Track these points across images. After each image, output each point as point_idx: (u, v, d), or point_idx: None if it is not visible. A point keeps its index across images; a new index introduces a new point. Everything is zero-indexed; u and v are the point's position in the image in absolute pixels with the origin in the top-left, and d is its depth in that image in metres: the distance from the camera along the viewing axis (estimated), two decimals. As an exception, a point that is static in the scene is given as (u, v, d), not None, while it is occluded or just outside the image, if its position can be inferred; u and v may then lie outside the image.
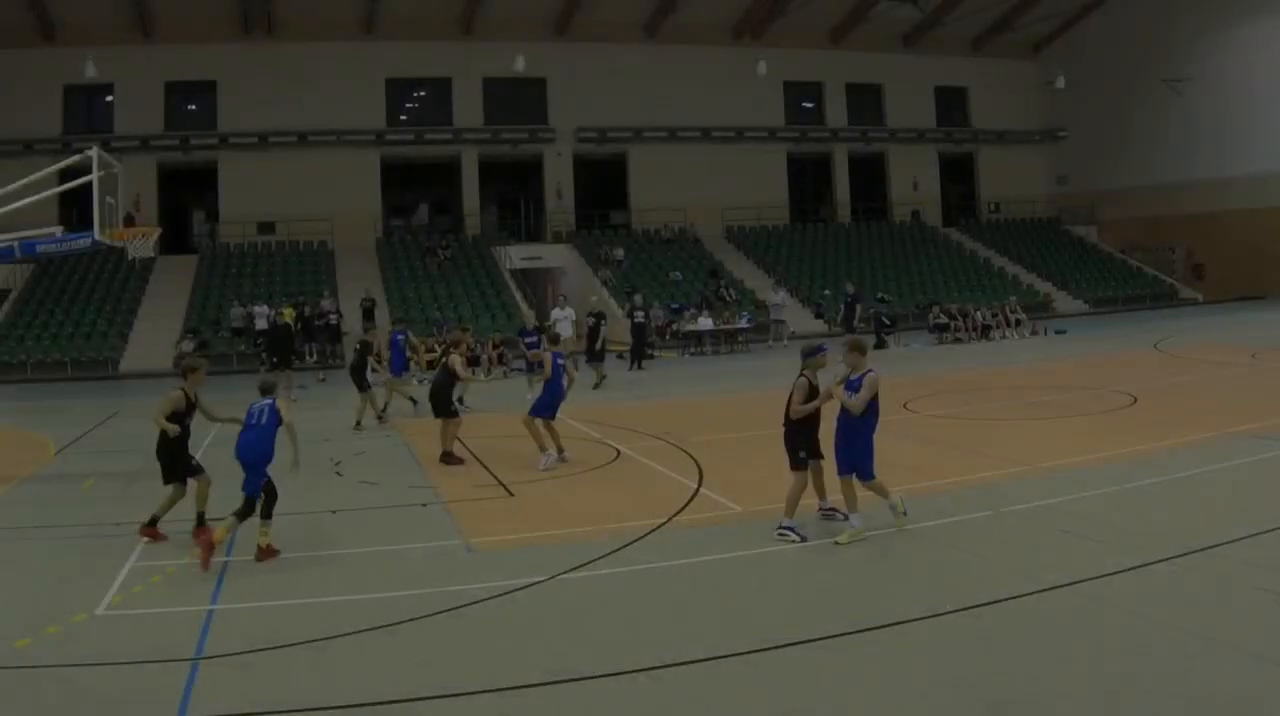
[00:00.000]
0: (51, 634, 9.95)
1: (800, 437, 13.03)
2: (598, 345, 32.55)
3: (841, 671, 8.64)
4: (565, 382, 19.39)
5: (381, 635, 9.87)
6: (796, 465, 13.01)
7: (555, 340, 20.86)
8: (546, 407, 18.87)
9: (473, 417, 22.41)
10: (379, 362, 25.91)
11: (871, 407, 12.74)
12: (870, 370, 12.83)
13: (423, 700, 8.37)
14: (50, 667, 9.18)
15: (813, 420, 13.05)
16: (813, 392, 12.95)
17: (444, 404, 19.65)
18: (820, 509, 13.47)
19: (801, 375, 12.96)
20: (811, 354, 13.22)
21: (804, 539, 12.41)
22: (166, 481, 14.37)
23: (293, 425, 13.77)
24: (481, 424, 22.07)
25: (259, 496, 13.19)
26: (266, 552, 12.86)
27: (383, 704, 8.32)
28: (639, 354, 37.10)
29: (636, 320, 37.10)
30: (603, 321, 32.78)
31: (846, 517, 12.79)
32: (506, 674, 8.80)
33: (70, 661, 9.35)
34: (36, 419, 29.32)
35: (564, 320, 35.98)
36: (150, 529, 14.00)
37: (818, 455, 13.16)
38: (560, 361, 19.37)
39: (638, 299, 39.12)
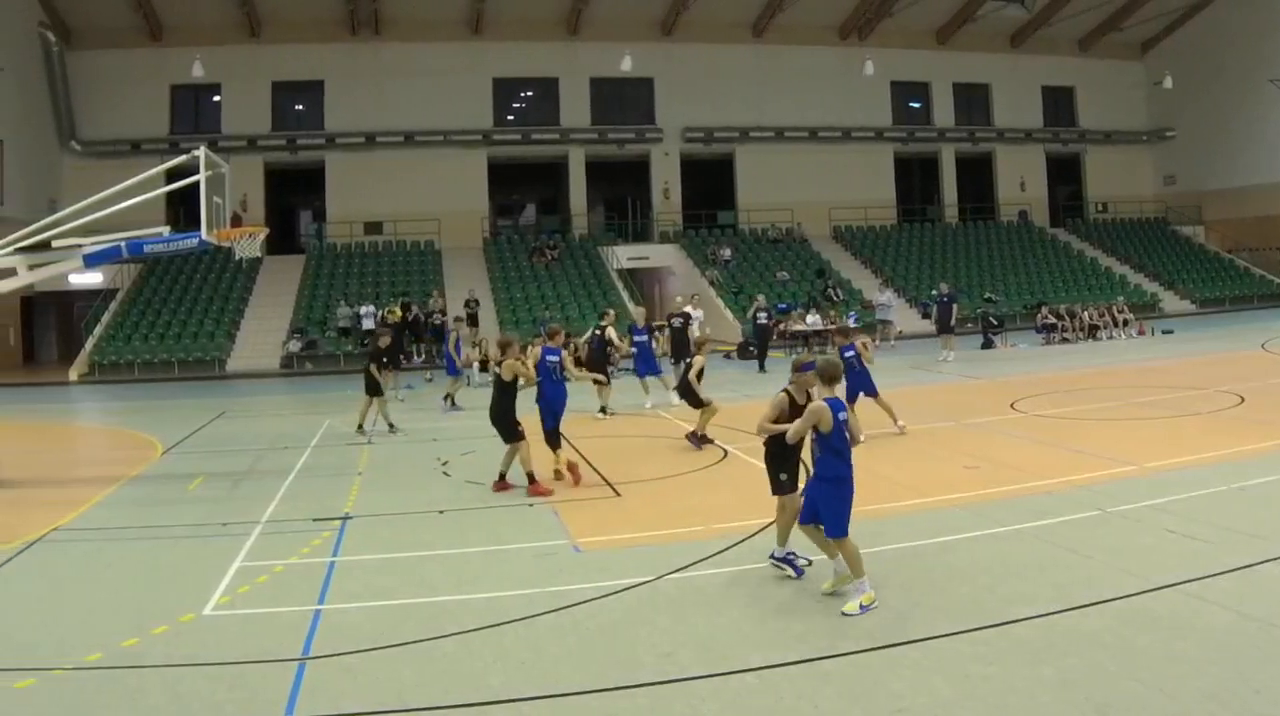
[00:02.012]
0: (159, 634, 10.00)
1: (779, 459, 11.81)
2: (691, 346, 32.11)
3: (948, 671, 8.54)
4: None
5: (488, 635, 9.86)
6: (777, 489, 11.82)
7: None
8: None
9: (579, 418, 22.42)
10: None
11: (827, 447, 10.78)
12: (829, 399, 10.89)
13: (529, 700, 8.36)
14: (157, 667, 9.24)
15: (795, 443, 11.50)
16: (794, 411, 11.48)
17: (693, 393, 20.20)
18: (772, 557, 11.64)
19: (784, 389, 11.76)
20: (800, 370, 11.75)
21: (799, 572, 11.41)
22: (507, 442, 16.84)
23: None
24: (587, 424, 22.05)
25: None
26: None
27: (489, 704, 8.32)
28: (763, 354, 36.83)
29: (760, 322, 36.83)
30: (690, 322, 32.48)
31: (800, 574, 11.34)
32: (613, 674, 8.80)
33: (177, 661, 9.40)
34: (144, 418, 29.53)
35: (693, 319, 35.94)
36: (501, 483, 16.81)
37: (794, 487, 11.73)
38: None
39: (761, 300, 38.96)
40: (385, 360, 30.09)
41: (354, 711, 8.32)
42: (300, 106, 59.01)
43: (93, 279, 47.17)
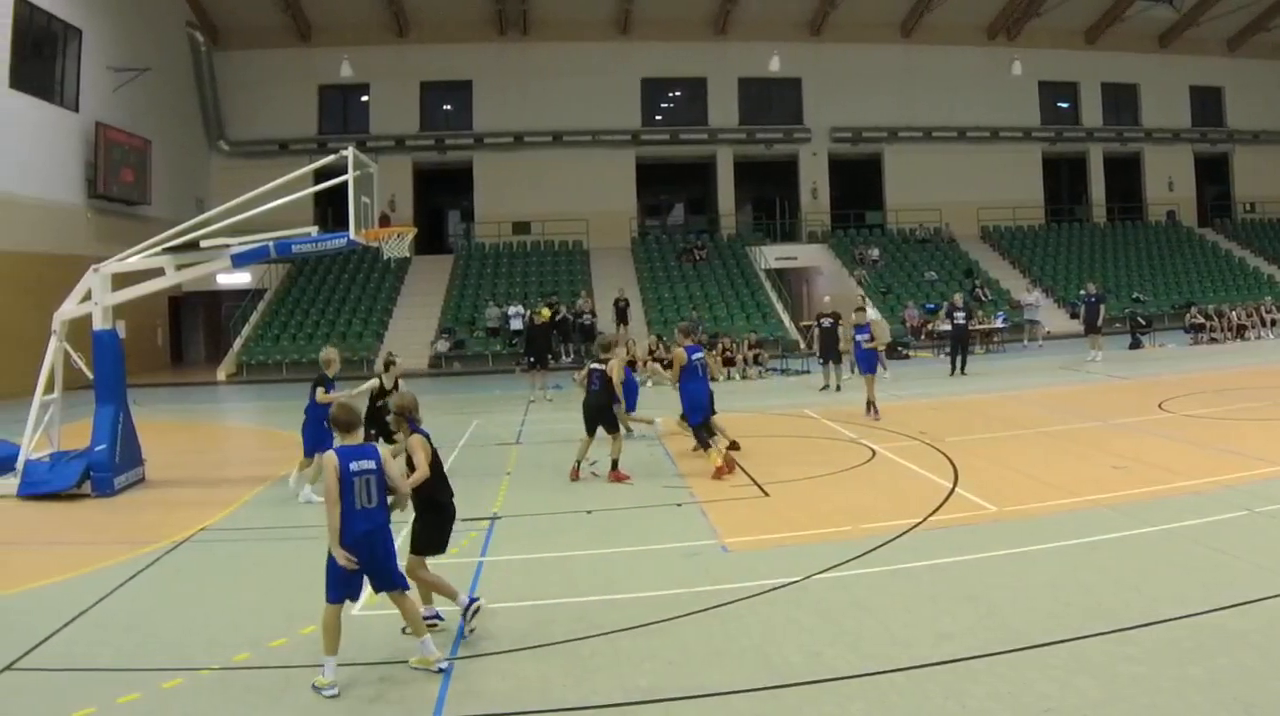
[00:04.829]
0: (307, 634, 10.00)
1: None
2: (840, 346, 31.77)
3: (1096, 671, 8.52)
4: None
5: (635, 636, 9.91)
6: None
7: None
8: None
9: (725, 418, 22.35)
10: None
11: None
12: (341, 447, 9.37)
13: (677, 700, 8.40)
14: (304, 668, 9.28)
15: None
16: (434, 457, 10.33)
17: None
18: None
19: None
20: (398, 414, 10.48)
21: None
22: (610, 432, 18.42)
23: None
24: (732, 424, 22.04)
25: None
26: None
27: (636, 704, 8.38)
28: (961, 354, 35.17)
29: (957, 321, 35.72)
30: (839, 322, 32.02)
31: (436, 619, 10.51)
32: (761, 674, 8.82)
33: (325, 662, 9.53)
34: (291, 419, 29.39)
35: (875, 320, 35.62)
36: (615, 472, 17.97)
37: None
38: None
39: (957, 299, 37.72)
40: (533, 360, 30.43)
41: (502, 711, 8.39)
42: (448, 106, 59.57)
43: (240, 279, 48.06)
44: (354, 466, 9.15)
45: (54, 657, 9.89)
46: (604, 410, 18.31)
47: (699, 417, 18.86)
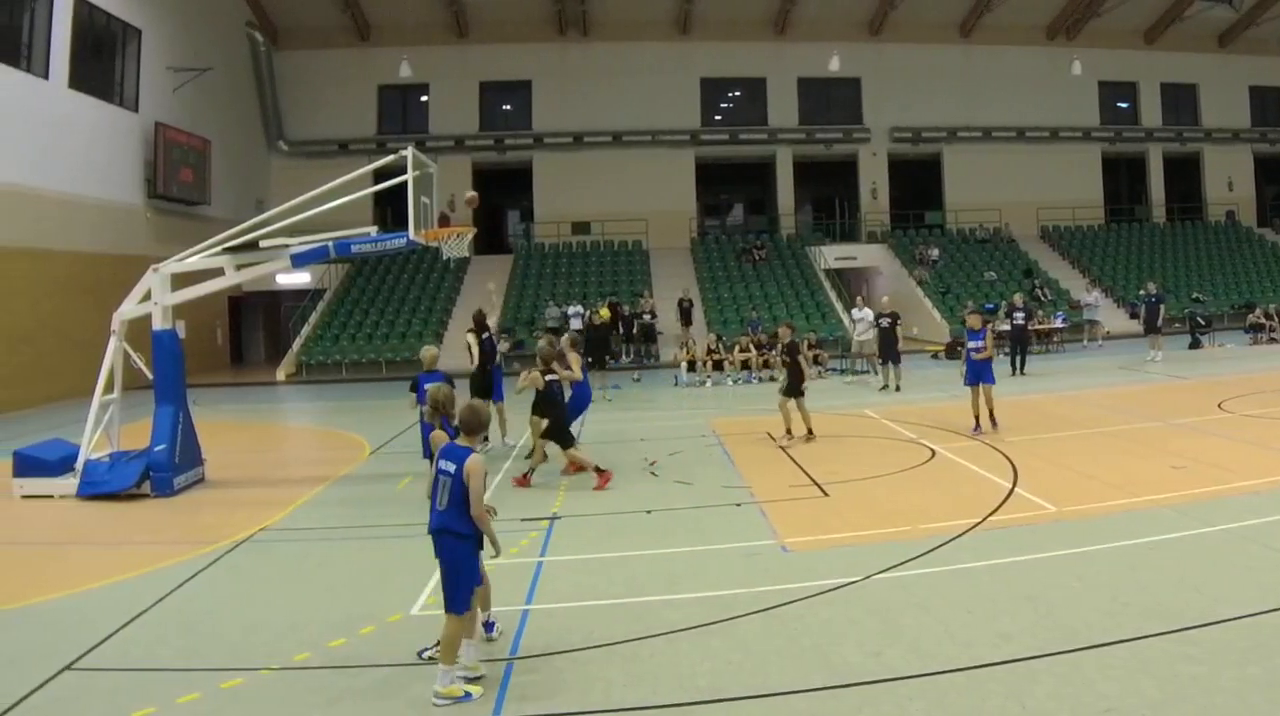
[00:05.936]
0: (366, 634, 10.10)
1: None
2: (899, 346, 31.71)
3: (1156, 671, 8.49)
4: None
5: (695, 635, 9.89)
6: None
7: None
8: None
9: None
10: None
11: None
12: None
13: (735, 700, 8.39)
14: (364, 667, 9.34)
15: None
16: None
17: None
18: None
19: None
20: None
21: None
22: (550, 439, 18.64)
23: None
24: (796, 423, 21.98)
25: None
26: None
27: (696, 704, 8.37)
28: (1021, 355, 34.87)
29: (1016, 321, 35.49)
30: (898, 322, 31.94)
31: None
32: (821, 674, 8.82)
33: (384, 661, 9.52)
34: (351, 419, 29.97)
35: (861, 320, 35.59)
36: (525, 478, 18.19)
37: None
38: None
39: (1017, 299, 37.86)
40: (591, 360, 30.50)
41: (562, 711, 8.40)
42: (508, 106, 59.76)
43: (300, 279, 48.71)
44: (442, 463, 9.09)
45: (113, 657, 9.95)
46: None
47: (572, 418, 19.83)
